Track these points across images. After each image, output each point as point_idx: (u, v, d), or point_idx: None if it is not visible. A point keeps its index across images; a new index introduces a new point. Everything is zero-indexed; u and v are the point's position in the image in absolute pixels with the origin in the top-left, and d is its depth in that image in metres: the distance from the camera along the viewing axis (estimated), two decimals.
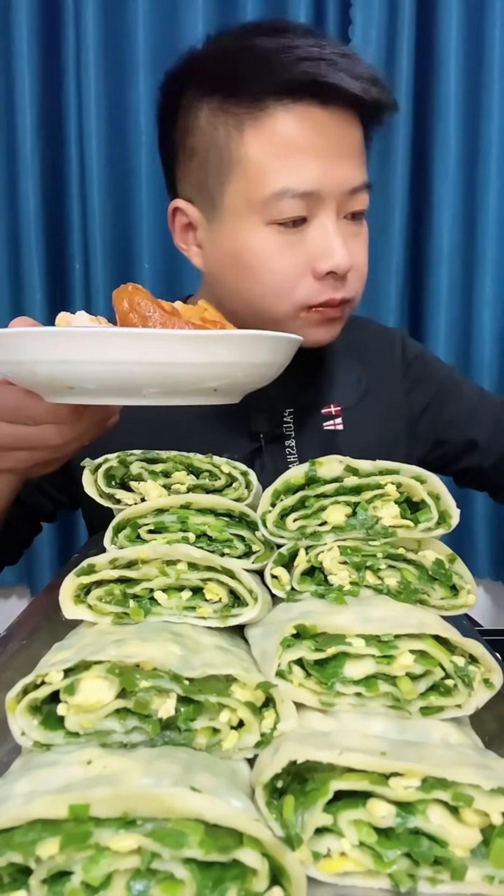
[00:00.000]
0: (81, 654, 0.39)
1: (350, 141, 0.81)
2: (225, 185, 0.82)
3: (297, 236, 0.81)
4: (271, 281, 0.82)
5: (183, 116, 0.85)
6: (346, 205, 0.82)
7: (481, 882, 0.33)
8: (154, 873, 0.30)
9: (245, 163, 0.80)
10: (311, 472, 0.50)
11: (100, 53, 1.46)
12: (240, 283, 0.85)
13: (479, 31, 1.46)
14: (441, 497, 0.49)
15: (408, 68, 1.46)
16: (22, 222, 1.51)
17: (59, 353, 0.47)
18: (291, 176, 0.78)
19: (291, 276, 0.81)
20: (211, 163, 0.83)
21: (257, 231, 0.81)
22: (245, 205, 0.81)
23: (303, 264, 0.81)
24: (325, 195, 0.79)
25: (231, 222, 0.83)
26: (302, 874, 0.30)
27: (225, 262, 0.86)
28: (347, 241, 0.82)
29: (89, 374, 0.48)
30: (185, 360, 0.48)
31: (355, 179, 0.81)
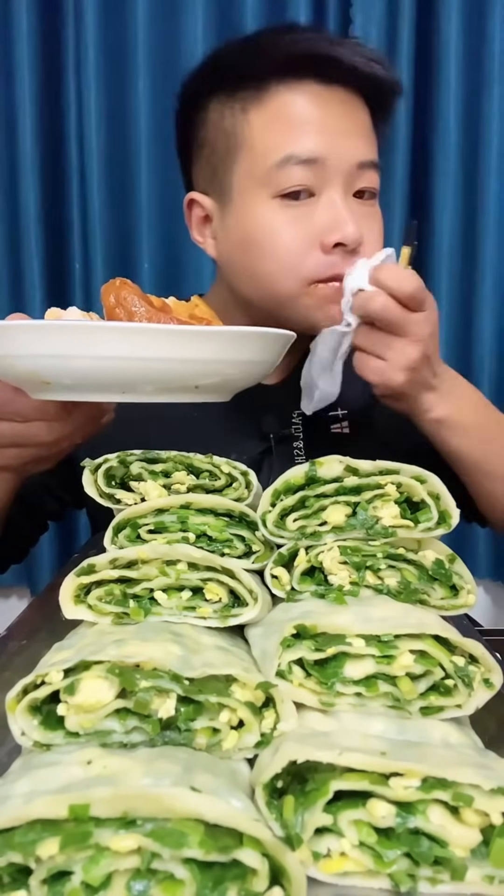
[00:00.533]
0: (81, 654, 0.39)
1: (355, 118, 0.83)
2: (233, 167, 0.84)
3: (304, 209, 0.81)
4: (279, 255, 0.82)
5: (195, 113, 0.88)
6: (354, 181, 0.82)
7: (481, 882, 0.33)
8: (154, 873, 0.30)
9: (250, 141, 0.82)
10: (311, 471, 0.50)
11: (100, 54, 1.46)
12: (250, 264, 0.85)
13: (479, 31, 1.46)
14: (441, 497, 0.49)
15: (408, 68, 1.46)
16: (22, 222, 1.51)
17: (35, 348, 0.46)
18: (295, 143, 0.80)
19: (299, 249, 0.81)
20: (220, 149, 0.85)
21: (265, 205, 0.82)
22: (252, 181, 0.82)
23: (311, 237, 0.81)
24: (331, 166, 0.80)
25: (240, 203, 0.84)
26: (302, 874, 0.30)
27: (236, 245, 0.86)
28: (357, 218, 0.82)
29: (64, 369, 0.47)
30: (165, 355, 0.46)
31: (362, 154, 0.82)
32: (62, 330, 0.46)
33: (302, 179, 0.80)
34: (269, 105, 0.81)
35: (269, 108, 0.81)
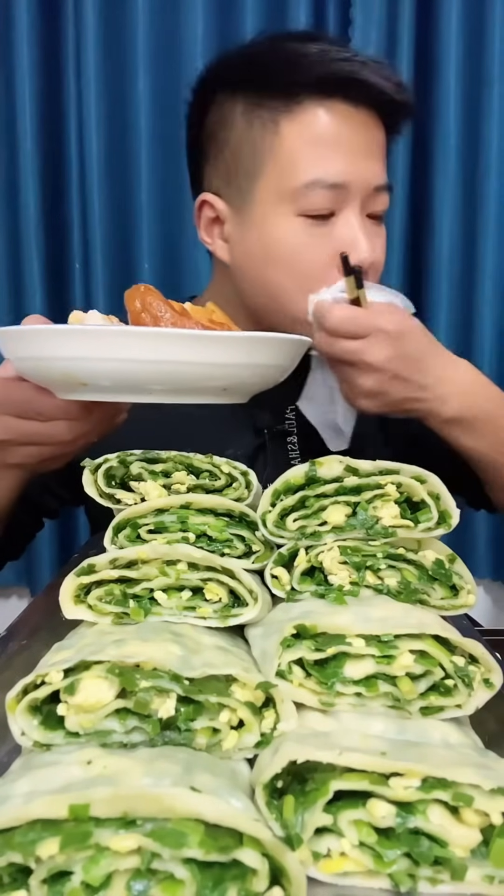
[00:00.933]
0: (81, 654, 0.39)
1: (375, 140, 0.84)
2: (258, 176, 0.84)
3: (324, 229, 0.83)
4: (300, 273, 0.83)
5: (215, 112, 0.88)
6: (370, 203, 0.84)
7: (481, 882, 0.33)
8: (154, 873, 0.30)
9: (279, 154, 0.83)
10: (311, 471, 0.50)
11: (100, 53, 1.45)
12: (266, 276, 0.86)
13: (479, 31, 1.46)
14: (441, 497, 0.49)
15: (408, 68, 1.46)
16: (22, 222, 1.51)
17: (75, 350, 0.48)
18: (323, 167, 0.81)
19: (319, 268, 0.82)
20: (244, 155, 0.85)
21: (288, 222, 0.83)
22: (277, 196, 0.83)
23: (329, 257, 0.82)
24: (352, 189, 0.82)
25: (261, 214, 0.85)
26: (302, 874, 0.30)
27: (254, 255, 0.87)
28: (370, 237, 0.84)
29: (103, 371, 0.49)
30: (197, 359, 0.49)
31: (379, 177, 0.84)
32: (103, 334, 0.48)
33: (327, 202, 0.82)
34: (299, 119, 0.82)
35: (300, 123, 0.82)
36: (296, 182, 0.81)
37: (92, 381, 0.50)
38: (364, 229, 0.83)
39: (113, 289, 1.55)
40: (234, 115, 0.86)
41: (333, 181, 0.80)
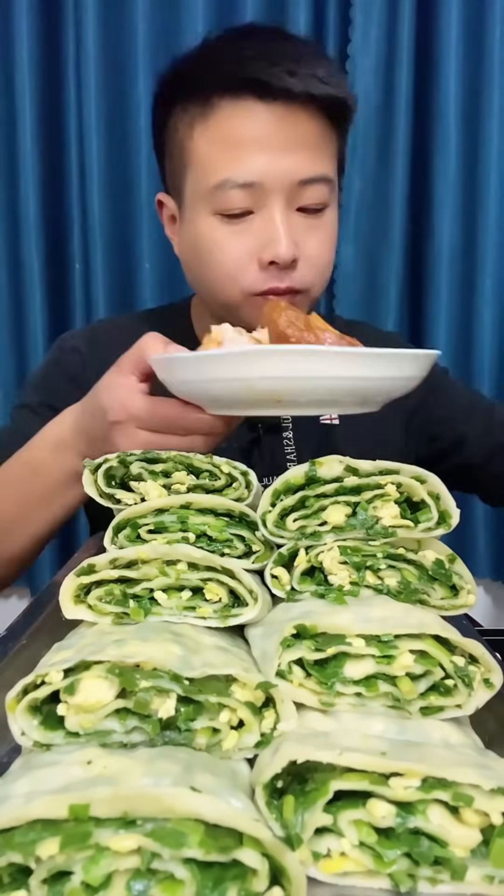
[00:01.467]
0: (81, 654, 0.39)
1: (298, 134, 0.82)
2: (184, 179, 0.87)
3: (243, 225, 0.83)
4: (219, 267, 0.85)
5: (161, 118, 0.91)
6: (297, 197, 0.83)
7: (481, 882, 0.33)
8: (154, 873, 0.30)
9: (195, 157, 0.84)
10: (311, 471, 0.50)
11: (100, 53, 1.46)
12: (197, 270, 0.90)
13: (479, 31, 1.47)
14: (441, 497, 0.49)
15: (408, 68, 1.46)
16: (22, 223, 1.51)
17: (281, 371, 0.52)
18: (233, 167, 0.81)
19: (238, 263, 0.84)
20: (175, 159, 0.88)
21: (206, 220, 0.85)
22: (196, 196, 0.85)
23: (249, 252, 0.83)
24: (270, 187, 0.81)
25: (189, 213, 0.88)
26: (302, 874, 0.30)
27: (188, 251, 0.90)
28: (298, 233, 0.83)
29: (303, 388, 0.53)
30: (380, 374, 0.54)
31: (304, 171, 0.82)
32: (311, 355, 0.53)
33: (240, 202, 0.82)
34: (210, 122, 0.83)
35: (211, 126, 0.83)
36: (207, 184, 0.83)
37: (290, 399, 0.54)
38: (287, 224, 0.82)
39: (113, 289, 1.55)
40: (169, 122, 0.88)
41: (244, 181, 0.81)
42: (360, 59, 1.48)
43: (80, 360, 1.00)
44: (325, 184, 0.85)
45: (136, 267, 1.54)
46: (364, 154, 1.52)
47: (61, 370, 1.01)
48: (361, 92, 1.49)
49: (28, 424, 0.98)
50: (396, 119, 1.48)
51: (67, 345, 1.03)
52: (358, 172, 1.52)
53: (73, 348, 1.02)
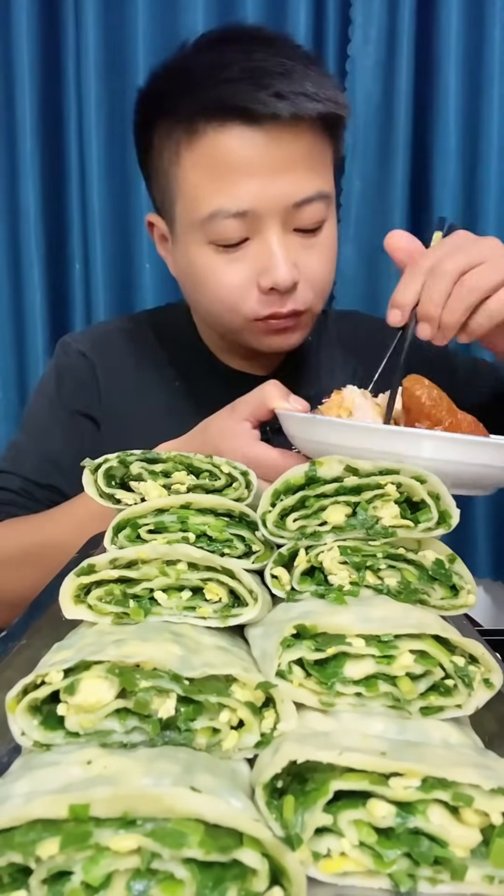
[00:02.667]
0: (81, 654, 0.39)
1: (290, 156, 0.79)
2: (174, 205, 0.84)
3: (239, 253, 0.81)
4: (218, 296, 0.84)
5: (144, 136, 0.87)
6: (293, 219, 0.81)
7: (481, 882, 0.33)
8: (154, 873, 0.30)
9: (184, 186, 0.82)
10: (311, 471, 0.50)
11: (100, 53, 1.46)
12: (195, 296, 0.89)
13: (479, 31, 1.46)
14: (441, 497, 0.49)
15: (408, 68, 1.46)
16: (22, 222, 1.51)
17: (434, 454, 0.55)
18: (224, 197, 0.78)
19: (237, 291, 0.82)
20: (163, 185, 0.86)
21: (201, 250, 0.82)
22: (188, 225, 0.83)
23: (247, 279, 0.82)
24: (263, 213, 0.79)
25: (182, 239, 0.85)
26: (302, 874, 0.30)
27: (183, 274, 0.89)
28: (296, 254, 0.81)
29: (453, 472, 0.55)
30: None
31: (298, 193, 0.80)
32: (471, 444, 0.56)
33: (234, 231, 0.80)
34: (197, 149, 0.79)
35: (197, 152, 0.80)
36: (198, 215, 0.80)
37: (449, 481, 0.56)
38: (284, 248, 0.80)
39: (113, 289, 1.55)
40: (155, 142, 0.85)
41: (237, 210, 0.78)
42: (360, 59, 1.48)
43: (85, 364, 0.99)
44: (322, 200, 0.83)
45: (136, 267, 1.54)
46: (364, 154, 1.52)
47: (71, 374, 1.00)
48: (361, 92, 1.49)
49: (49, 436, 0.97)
50: (396, 119, 1.48)
51: (71, 349, 1.02)
52: (358, 172, 1.52)
53: (78, 352, 1.01)
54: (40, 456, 0.96)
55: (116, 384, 0.99)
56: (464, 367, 1.05)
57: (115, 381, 0.99)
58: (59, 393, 1.00)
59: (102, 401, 0.99)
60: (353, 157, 1.51)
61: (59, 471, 0.93)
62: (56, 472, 0.93)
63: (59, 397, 1.00)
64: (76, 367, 1.00)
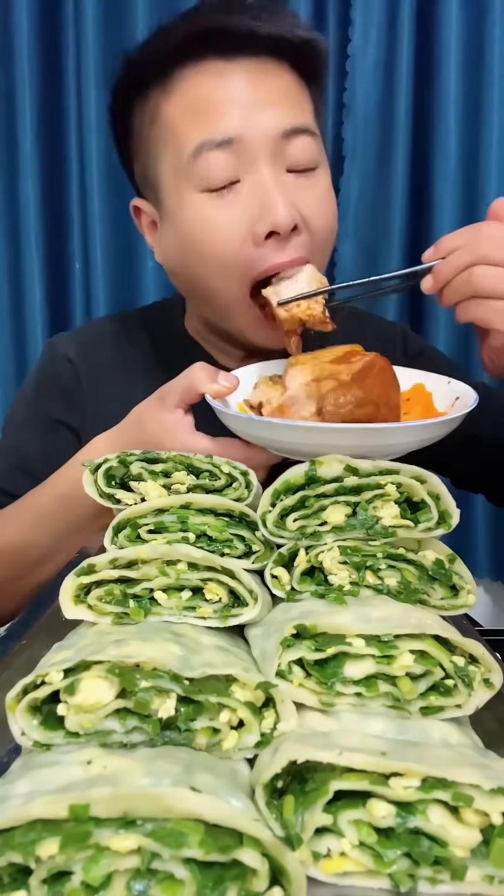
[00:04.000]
0: (81, 654, 0.39)
1: (270, 86, 0.77)
2: (158, 165, 0.81)
3: (231, 198, 0.76)
4: (211, 251, 0.78)
5: (121, 126, 0.86)
6: (283, 154, 0.77)
7: (481, 882, 0.33)
8: (154, 873, 0.30)
9: (165, 133, 0.79)
10: (311, 471, 0.50)
11: (100, 53, 1.46)
12: (187, 267, 0.83)
13: (479, 31, 1.46)
14: (441, 497, 0.49)
15: (408, 68, 1.46)
16: (22, 222, 1.52)
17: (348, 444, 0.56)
18: (207, 129, 0.75)
19: (233, 243, 0.76)
20: (143, 152, 0.83)
21: (192, 201, 0.78)
22: (175, 178, 0.78)
23: (243, 228, 0.76)
24: (248, 142, 0.75)
25: (170, 203, 0.81)
26: (302, 874, 0.30)
27: (174, 249, 0.83)
28: (293, 194, 0.76)
29: (367, 453, 0.55)
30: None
31: (284, 121, 0.76)
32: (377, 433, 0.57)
33: (222, 164, 0.75)
34: (174, 93, 0.77)
35: (175, 96, 0.77)
36: (183, 156, 0.76)
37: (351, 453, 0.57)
38: (280, 186, 0.75)
39: (113, 289, 1.55)
40: (132, 119, 0.83)
41: (221, 138, 0.74)
42: (360, 59, 1.48)
43: (70, 369, 0.97)
44: (311, 136, 0.78)
45: (136, 267, 1.54)
46: (364, 154, 1.52)
47: (52, 380, 0.98)
48: (361, 92, 1.49)
49: (24, 441, 0.95)
50: (396, 119, 1.48)
51: (57, 353, 0.99)
52: (358, 172, 1.52)
53: (64, 356, 0.98)
54: (11, 461, 0.95)
55: (103, 388, 0.97)
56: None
57: (102, 385, 0.97)
58: (38, 399, 0.98)
59: (87, 408, 0.96)
60: (353, 157, 1.51)
61: (30, 476, 0.90)
62: (26, 478, 0.91)
63: (37, 403, 0.98)
64: (59, 374, 0.98)
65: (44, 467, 0.85)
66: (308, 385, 0.65)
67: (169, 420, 0.70)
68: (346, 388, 0.63)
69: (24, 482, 0.89)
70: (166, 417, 0.70)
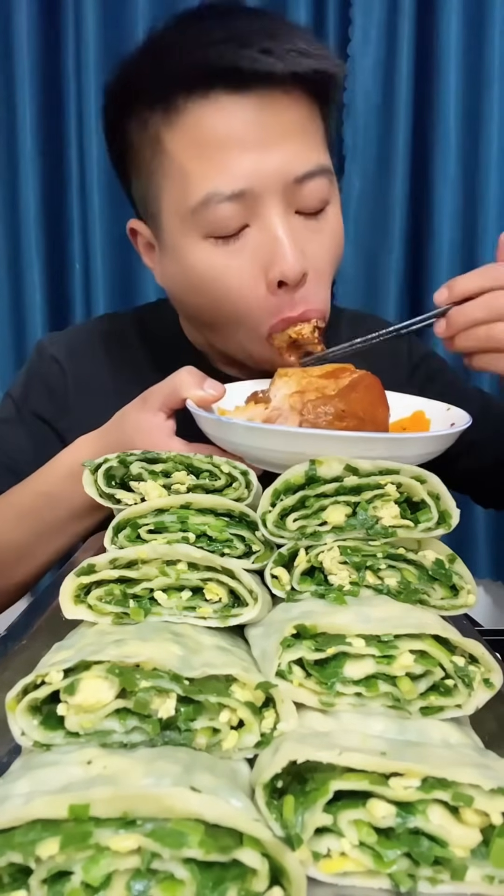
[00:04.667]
0: (81, 654, 0.39)
1: (284, 124, 0.70)
2: (160, 200, 0.75)
3: (240, 243, 0.72)
4: (224, 298, 0.74)
5: (118, 136, 0.80)
6: (296, 197, 0.72)
7: (481, 882, 0.33)
8: (154, 873, 0.30)
9: (169, 172, 0.72)
10: (311, 471, 0.50)
11: (100, 53, 1.46)
12: (195, 305, 0.80)
13: (479, 31, 1.47)
14: (441, 497, 0.49)
15: (408, 68, 1.46)
16: (22, 222, 1.52)
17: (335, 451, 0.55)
18: (216, 177, 0.69)
19: (244, 292, 0.73)
20: (145, 183, 0.77)
21: (197, 247, 0.73)
22: (179, 218, 0.73)
23: (252, 276, 0.72)
24: (262, 191, 0.70)
25: (172, 242, 0.76)
26: (302, 874, 0.30)
27: (178, 283, 0.79)
28: (303, 240, 0.73)
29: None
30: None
31: (299, 166, 0.71)
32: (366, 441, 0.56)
33: (231, 217, 0.70)
34: (178, 126, 0.70)
35: (180, 132, 0.71)
36: (189, 202, 0.71)
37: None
38: (290, 233, 0.71)
39: (113, 289, 1.55)
40: (130, 138, 0.77)
41: (232, 191, 0.69)
42: (360, 59, 1.48)
43: (58, 371, 0.96)
44: (324, 176, 0.74)
45: (136, 267, 1.54)
46: (364, 154, 1.52)
47: (40, 380, 0.97)
48: (361, 92, 1.49)
49: (10, 439, 0.95)
50: (396, 119, 1.49)
51: (46, 354, 0.98)
52: (358, 172, 1.52)
53: (52, 358, 0.97)
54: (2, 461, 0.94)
55: (90, 392, 0.94)
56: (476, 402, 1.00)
57: (90, 388, 0.95)
58: (25, 397, 0.97)
59: (71, 410, 0.94)
60: (353, 157, 1.52)
61: (13, 473, 0.89)
62: (9, 475, 0.90)
63: (24, 402, 0.97)
64: (46, 374, 0.96)
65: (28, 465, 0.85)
66: (291, 396, 0.64)
67: (148, 422, 0.68)
68: (327, 399, 0.62)
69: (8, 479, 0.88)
70: (146, 419, 0.68)
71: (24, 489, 0.82)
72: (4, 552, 0.83)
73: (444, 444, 0.61)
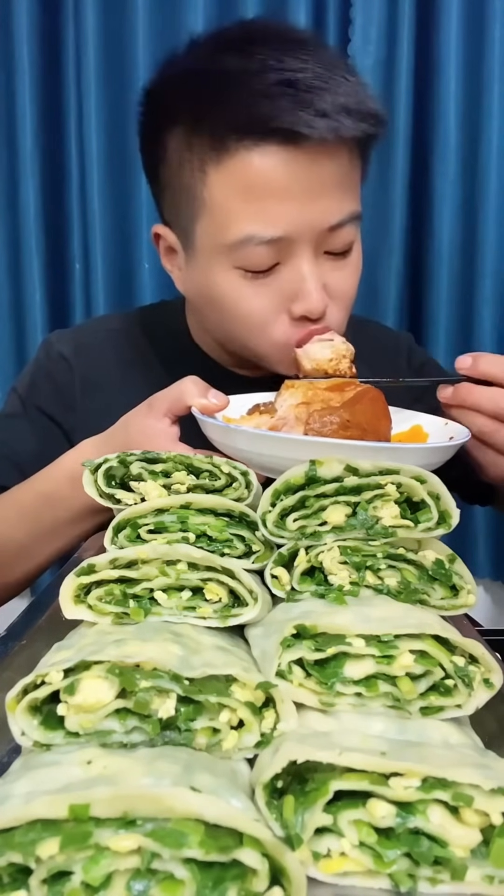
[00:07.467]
0: (81, 654, 0.39)
1: (326, 176, 0.74)
2: (195, 223, 0.79)
3: (267, 279, 0.77)
4: (245, 322, 0.79)
5: (155, 142, 0.81)
6: (326, 242, 0.77)
7: (481, 882, 0.33)
8: (154, 873, 0.30)
9: (210, 205, 0.76)
10: (311, 471, 0.50)
11: (100, 53, 1.46)
12: (216, 318, 0.84)
13: (479, 31, 1.47)
14: (441, 497, 0.49)
15: (408, 68, 1.46)
16: (22, 222, 1.52)
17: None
18: (256, 222, 0.73)
19: (265, 318, 0.78)
20: (180, 199, 0.80)
21: (226, 273, 0.78)
22: (212, 247, 0.78)
23: (276, 306, 0.78)
24: (297, 238, 0.75)
25: (203, 260, 0.80)
26: (302, 874, 0.30)
27: (202, 294, 0.84)
28: (326, 277, 0.78)
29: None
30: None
31: (332, 217, 0.75)
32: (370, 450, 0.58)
33: (265, 258, 0.75)
34: (227, 168, 0.73)
35: (227, 172, 0.73)
36: (228, 238, 0.75)
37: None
38: (316, 275, 0.76)
39: (113, 289, 1.55)
40: (169, 152, 0.79)
41: (270, 236, 0.73)
42: (360, 59, 1.48)
43: (66, 368, 0.97)
44: (354, 222, 0.78)
45: (136, 267, 1.54)
46: None
47: (47, 377, 0.98)
48: None
49: (15, 434, 0.95)
50: (396, 119, 1.48)
51: (53, 350, 0.99)
52: None
53: (60, 355, 0.98)
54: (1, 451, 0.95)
55: (97, 390, 0.96)
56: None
57: (97, 386, 0.96)
58: (32, 394, 0.98)
59: (79, 409, 0.95)
60: None
61: (18, 469, 0.90)
62: (14, 470, 0.90)
63: (30, 398, 0.97)
64: (53, 371, 0.97)
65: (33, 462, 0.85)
66: (297, 407, 0.66)
67: (153, 427, 0.70)
68: (332, 410, 0.64)
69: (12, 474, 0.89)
70: (151, 424, 0.70)
71: (26, 488, 0.83)
72: (4, 549, 0.83)
73: (445, 455, 0.63)
